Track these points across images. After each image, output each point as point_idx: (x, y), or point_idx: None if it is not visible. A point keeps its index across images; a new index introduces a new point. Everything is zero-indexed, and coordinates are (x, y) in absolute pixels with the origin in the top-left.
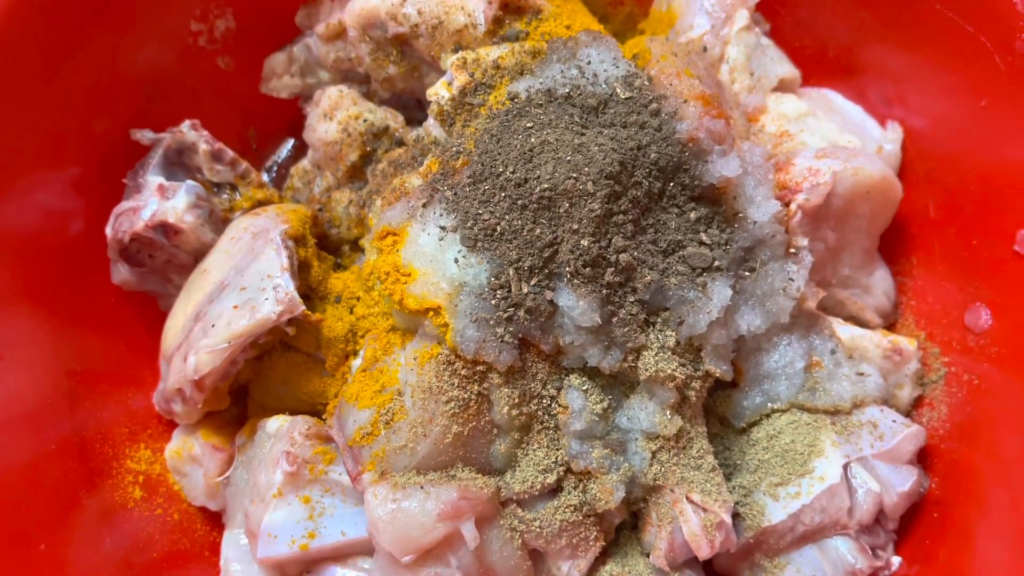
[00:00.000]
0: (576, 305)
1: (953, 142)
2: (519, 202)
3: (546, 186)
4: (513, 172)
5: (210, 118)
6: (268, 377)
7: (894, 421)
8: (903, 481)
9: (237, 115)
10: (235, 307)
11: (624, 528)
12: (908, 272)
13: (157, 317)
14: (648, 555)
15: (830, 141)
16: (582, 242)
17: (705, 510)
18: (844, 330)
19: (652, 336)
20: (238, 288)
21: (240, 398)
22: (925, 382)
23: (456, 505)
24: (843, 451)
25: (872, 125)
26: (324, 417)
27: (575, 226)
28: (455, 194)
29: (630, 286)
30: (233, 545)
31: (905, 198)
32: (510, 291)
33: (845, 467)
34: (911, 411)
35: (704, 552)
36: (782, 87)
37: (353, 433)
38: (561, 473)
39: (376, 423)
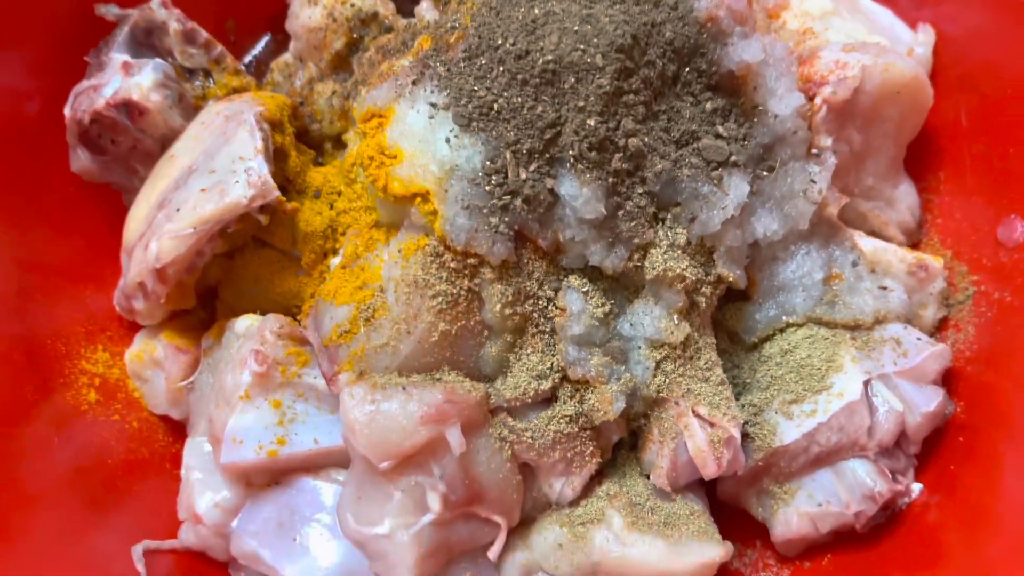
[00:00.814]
0: (579, 194)
1: (989, 47)
2: (519, 76)
3: (550, 58)
4: (513, 44)
5: (184, 5)
6: (239, 276)
7: (918, 339)
8: (927, 401)
9: (214, 3)
10: (203, 190)
11: (622, 447)
12: (935, 189)
13: (120, 213)
14: (648, 475)
15: (857, 40)
16: (588, 122)
17: (712, 425)
18: (866, 242)
19: (661, 233)
20: (207, 171)
21: (209, 301)
22: (951, 302)
23: (441, 408)
24: (864, 367)
25: (902, 28)
26: (299, 318)
27: (581, 103)
28: (448, 70)
29: (639, 175)
30: (195, 452)
31: (934, 108)
32: (507, 176)
33: (866, 384)
34: (935, 333)
35: (710, 470)
36: None
37: (330, 331)
38: (556, 381)
39: (355, 320)
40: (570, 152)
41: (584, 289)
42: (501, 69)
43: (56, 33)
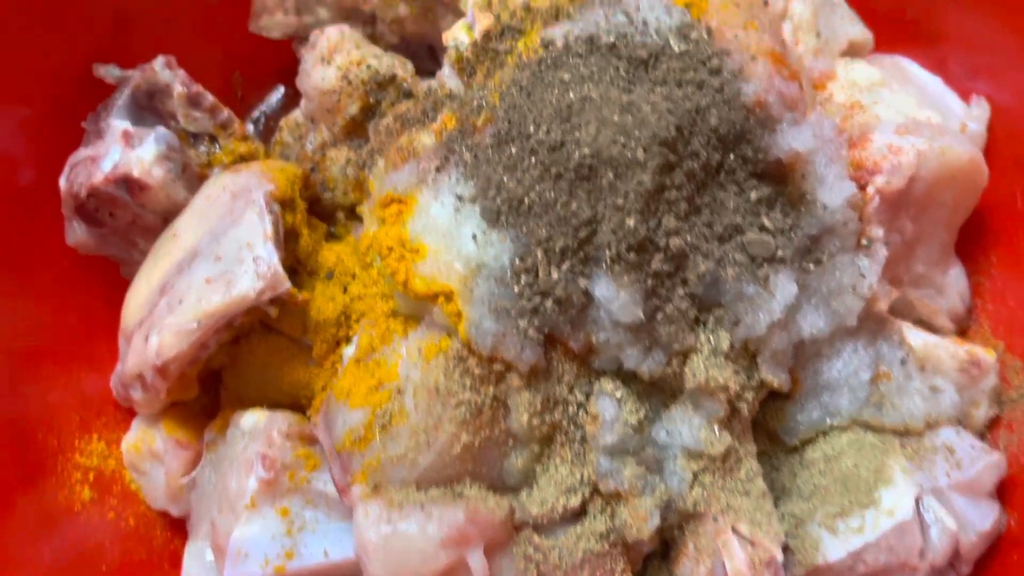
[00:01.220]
0: (616, 297)
1: None
2: (553, 170)
3: (587, 151)
4: (547, 133)
5: (189, 57)
6: (245, 363)
7: (972, 446)
8: (983, 518)
9: (220, 55)
10: (207, 280)
11: (653, 557)
12: (986, 271)
13: (118, 285)
14: None
15: (907, 116)
16: (627, 221)
17: (753, 544)
18: (915, 336)
19: (702, 337)
20: (212, 257)
21: (211, 385)
22: (1003, 400)
23: (463, 530)
24: (915, 480)
25: (953, 99)
26: (309, 414)
27: (620, 201)
28: (475, 157)
29: (680, 276)
30: (196, 559)
31: (988, 187)
32: (537, 276)
33: (917, 500)
34: (985, 433)
35: None
36: (852, 51)
37: (343, 437)
38: (587, 494)
39: (370, 426)
40: (607, 252)
41: (617, 394)
42: (533, 160)
43: (52, 94)
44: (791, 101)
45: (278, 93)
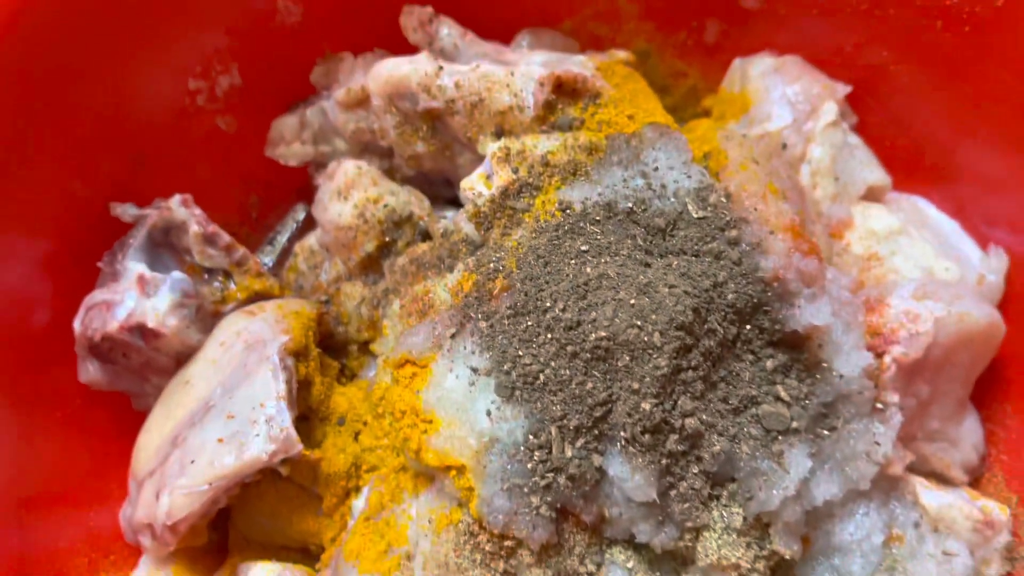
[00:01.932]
0: (629, 477)
1: None
2: (568, 348)
3: (604, 334)
4: (563, 311)
5: (206, 183)
6: (254, 508)
7: None
8: None
9: (237, 180)
10: (220, 440)
11: None
12: (1001, 422)
13: (130, 419)
14: None
15: (925, 268)
16: (643, 405)
17: None
18: (928, 496)
19: (715, 514)
20: (225, 414)
21: (220, 523)
22: (1015, 557)
23: None
24: None
25: (971, 248)
26: (318, 567)
27: (635, 384)
28: (491, 327)
29: (695, 455)
30: None
31: (1005, 336)
32: (550, 453)
33: None
34: None
35: None
36: (870, 195)
37: None
38: None
39: None
40: (622, 434)
41: (629, 564)
42: (549, 336)
43: (69, 231)
44: (809, 277)
45: (297, 215)
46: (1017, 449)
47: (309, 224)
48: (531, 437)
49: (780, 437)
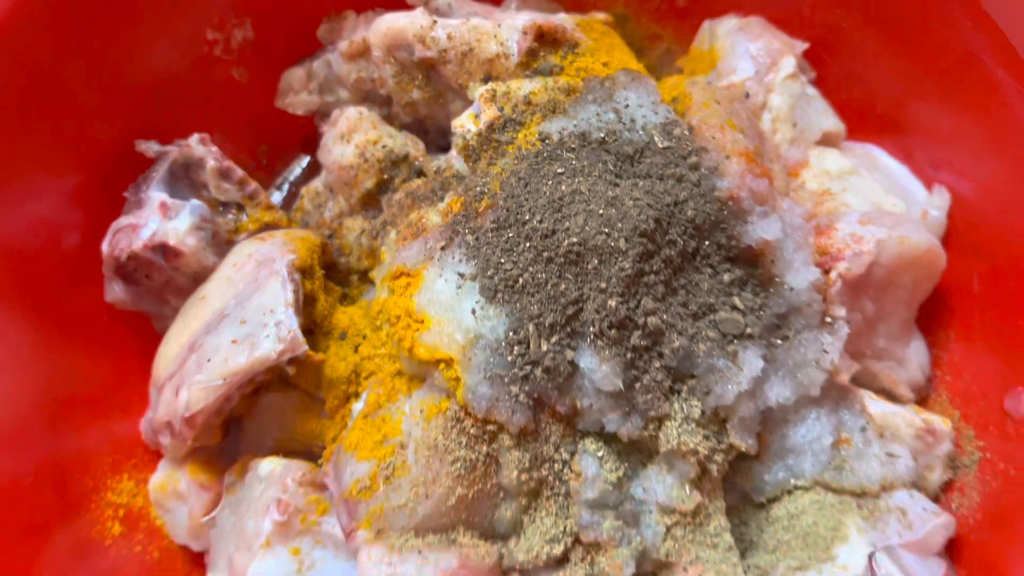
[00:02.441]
0: (598, 368)
1: (1005, 215)
2: (544, 254)
3: (575, 240)
4: (540, 221)
5: (221, 130)
6: (263, 413)
7: (924, 509)
8: (930, 574)
9: (249, 129)
10: (233, 341)
11: None
12: (945, 346)
13: (150, 339)
14: None
15: (873, 203)
16: (609, 302)
17: None
18: (875, 406)
19: (676, 406)
20: (238, 321)
21: (232, 430)
22: (957, 465)
23: (456, 573)
24: (869, 538)
25: (918, 188)
26: (320, 463)
27: (603, 284)
28: (476, 239)
29: (656, 351)
30: None
31: (948, 268)
32: (528, 348)
33: (870, 556)
34: (940, 495)
35: None
36: (826, 140)
37: (350, 486)
38: (569, 544)
39: (375, 477)
40: (591, 329)
41: (599, 454)
42: (528, 245)
43: (97, 166)
44: (761, 196)
45: (302, 162)
46: (959, 371)
47: (313, 173)
48: (511, 333)
49: (736, 341)
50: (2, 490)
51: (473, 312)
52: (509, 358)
